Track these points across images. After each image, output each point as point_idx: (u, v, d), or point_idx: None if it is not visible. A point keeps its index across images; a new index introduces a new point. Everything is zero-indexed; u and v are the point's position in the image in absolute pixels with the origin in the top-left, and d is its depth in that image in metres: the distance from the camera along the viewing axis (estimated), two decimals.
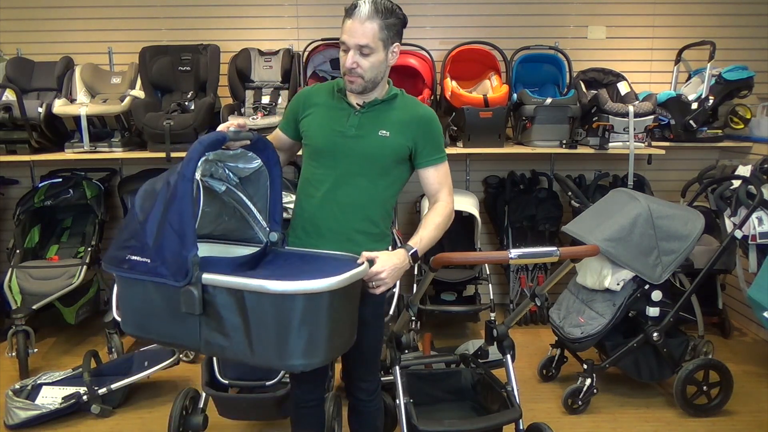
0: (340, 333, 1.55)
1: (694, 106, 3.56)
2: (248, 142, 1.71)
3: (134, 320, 1.59)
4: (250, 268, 1.69)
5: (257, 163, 1.80)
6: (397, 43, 1.79)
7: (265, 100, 3.54)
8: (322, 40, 3.64)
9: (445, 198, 1.91)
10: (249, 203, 1.83)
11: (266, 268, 1.71)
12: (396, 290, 3.13)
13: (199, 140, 1.53)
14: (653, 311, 2.75)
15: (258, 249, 1.81)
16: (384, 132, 1.82)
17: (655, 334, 2.73)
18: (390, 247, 2.90)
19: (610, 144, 3.43)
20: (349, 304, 1.59)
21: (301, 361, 1.46)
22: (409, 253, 1.75)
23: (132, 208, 1.53)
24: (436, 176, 1.89)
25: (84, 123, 3.26)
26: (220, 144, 1.60)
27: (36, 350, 3.18)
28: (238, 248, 1.82)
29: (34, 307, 3.14)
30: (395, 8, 1.75)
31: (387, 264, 1.68)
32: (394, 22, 1.74)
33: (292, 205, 1.96)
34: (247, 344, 1.45)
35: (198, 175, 1.64)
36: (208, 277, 1.44)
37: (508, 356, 2.19)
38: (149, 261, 1.45)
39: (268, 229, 1.82)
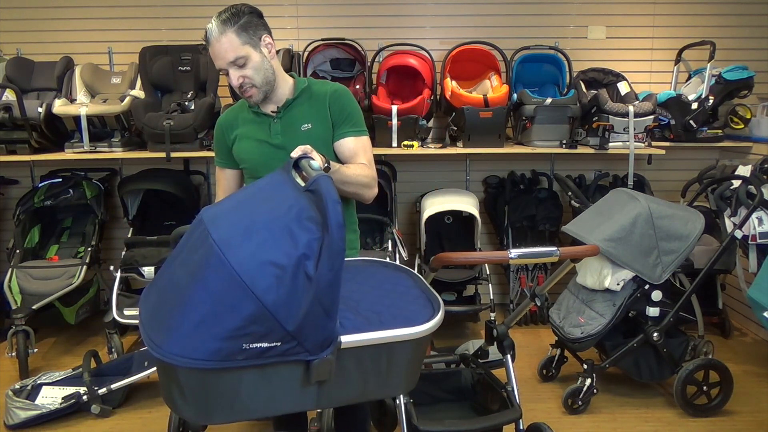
0: None
1: (694, 106, 3.56)
2: None
3: (231, 407, 1.29)
4: None
5: None
6: (265, 35, 1.76)
7: None
8: (322, 40, 3.64)
9: (364, 163, 1.83)
10: None
11: (343, 311, 1.46)
12: None
13: (336, 200, 1.24)
14: (653, 311, 2.75)
15: None
16: (306, 125, 1.82)
17: (655, 334, 2.73)
18: (385, 240, 2.89)
19: (610, 144, 3.43)
20: None
21: (406, 388, 1.47)
22: (325, 164, 1.65)
23: (234, 287, 1.16)
24: (349, 145, 1.83)
25: (84, 123, 3.27)
26: None
27: (36, 350, 3.18)
28: None
29: (34, 307, 3.14)
30: (240, 9, 1.73)
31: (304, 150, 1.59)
32: (247, 21, 1.72)
33: None
34: (361, 385, 1.37)
35: None
36: (348, 339, 1.28)
37: (508, 356, 2.19)
38: (280, 344, 1.21)
39: None
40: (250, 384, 1.24)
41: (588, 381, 2.76)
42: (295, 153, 1.53)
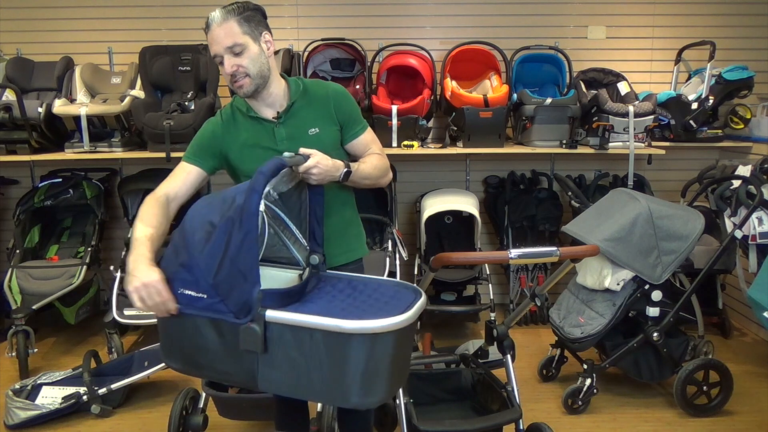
0: (400, 369, 1.49)
1: (694, 106, 3.56)
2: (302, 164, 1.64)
3: (183, 356, 1.50)
4: (299, 299, 1.57)
5: (297, 178, 1.69)
6: (266, 32, 1.77)
7: None
8: (322, 40, 3.64)
9: (377, 152, 1.92)
10: (289, 222, 1.71)
11: (320, 299, 1.58)
12: None
13: (260, 171, 1.42)
14: (653, 311, 2.75)
15: (297, 272, 1.71)
16: (313, 129, 1.80)
17: (655, 334, 2.73)
18: (385, 240, 2.86)
19: (610, 144, 3.43)
20: (409, 339, 1.54)
21: (362, 399, 1.40)
22: (344, 169, 1.71)
23: (182, 237, 1.44)
24: (363, 141, 1.91)
25: (84, 123, 3.26)
26: (279, 171, 1.53)
27: (36, 350, 3.18)
28: (273, 270, 1.71)
29: (34, 307, 3.14)
30: (246, 4, 1.75)
31: (322, 162, 1.64)
32: (251, 15, 1.73)
33: None
34: (309, 381, 1.39)
35: (262, 207, 1.54)
36: (272, 314, 1.36)
37: (508, 356, 2.19)
38: (205, 296, 1.39)
39: (308, 249, 1.71)
40: (191, 334, 1.44)
41: (588, 381, 2.76)
42: (302, 151, 1.64)
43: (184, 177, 1.79)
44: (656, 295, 2.74)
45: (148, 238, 1.57)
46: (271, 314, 1.37)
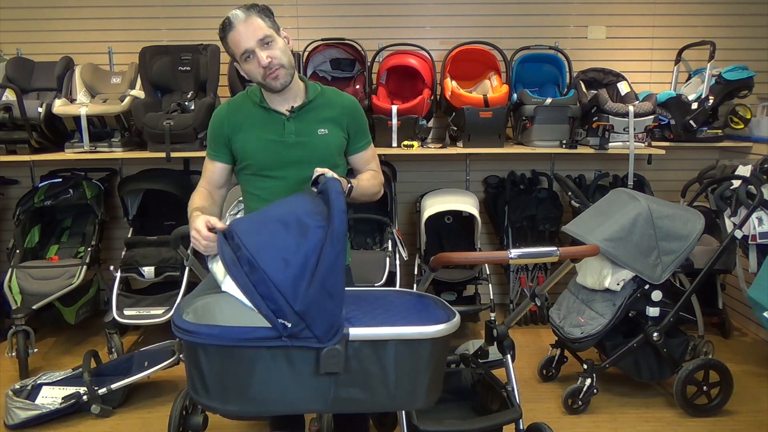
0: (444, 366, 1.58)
1: (694, 106, 3.56)
2: None
3: (239, 396, 1.36)
4: None
5: None
6: (281, 29, 1.82)
7: None
8: (322, 40, 3.64)
9: (375, 169, 2.02)
10: None
11: (357, 313, 1.55)
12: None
13: (337, 191, 1.43)
14: (653, 311, 2.75)
15: None
16: (323, 130, 1.85)
17: (655, 334, 2.73)
18: (385, 240, 2.83)
19: (610, 144, 3.43)
20: None
21: (430, 398, 1.47)
22: (348, 185, 1.79)
23: (257, 270, 1.33)
24: (366, 156, 2.00)
25: (84, 123, 3.26)
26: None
27: (36, 350, 3.18)
28: None
29: (34, 307, 3.14)
30: (255, 4, 1.80)
31: (341, 182, 1.70)
32: (267, 13, 1.79)
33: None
34: (382, 393, 1.41)
35: None
36: (356, 332, 1.36)
37: (508, 356, 2.19)
38: (290, 325, 1.32)
39: None
40: (262, 370, 1.34)
41: (588, 381, 2.76)
42: (316, 173, 1.66)
43: (210, 174, 1.91)
44: (656, 295, 2.74)
45: (199, 209, 1.72)
46: (355, 332, 1.36)
